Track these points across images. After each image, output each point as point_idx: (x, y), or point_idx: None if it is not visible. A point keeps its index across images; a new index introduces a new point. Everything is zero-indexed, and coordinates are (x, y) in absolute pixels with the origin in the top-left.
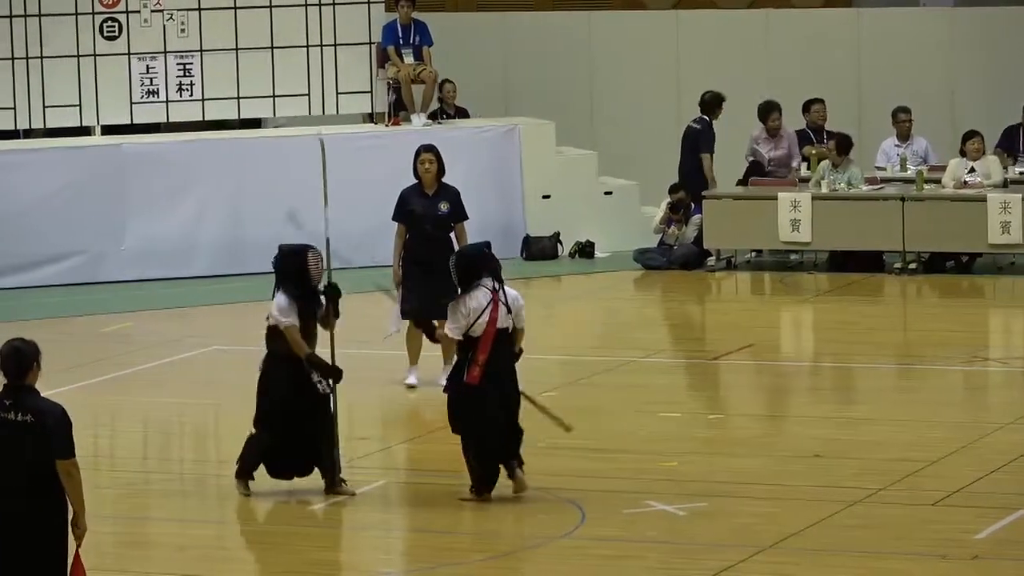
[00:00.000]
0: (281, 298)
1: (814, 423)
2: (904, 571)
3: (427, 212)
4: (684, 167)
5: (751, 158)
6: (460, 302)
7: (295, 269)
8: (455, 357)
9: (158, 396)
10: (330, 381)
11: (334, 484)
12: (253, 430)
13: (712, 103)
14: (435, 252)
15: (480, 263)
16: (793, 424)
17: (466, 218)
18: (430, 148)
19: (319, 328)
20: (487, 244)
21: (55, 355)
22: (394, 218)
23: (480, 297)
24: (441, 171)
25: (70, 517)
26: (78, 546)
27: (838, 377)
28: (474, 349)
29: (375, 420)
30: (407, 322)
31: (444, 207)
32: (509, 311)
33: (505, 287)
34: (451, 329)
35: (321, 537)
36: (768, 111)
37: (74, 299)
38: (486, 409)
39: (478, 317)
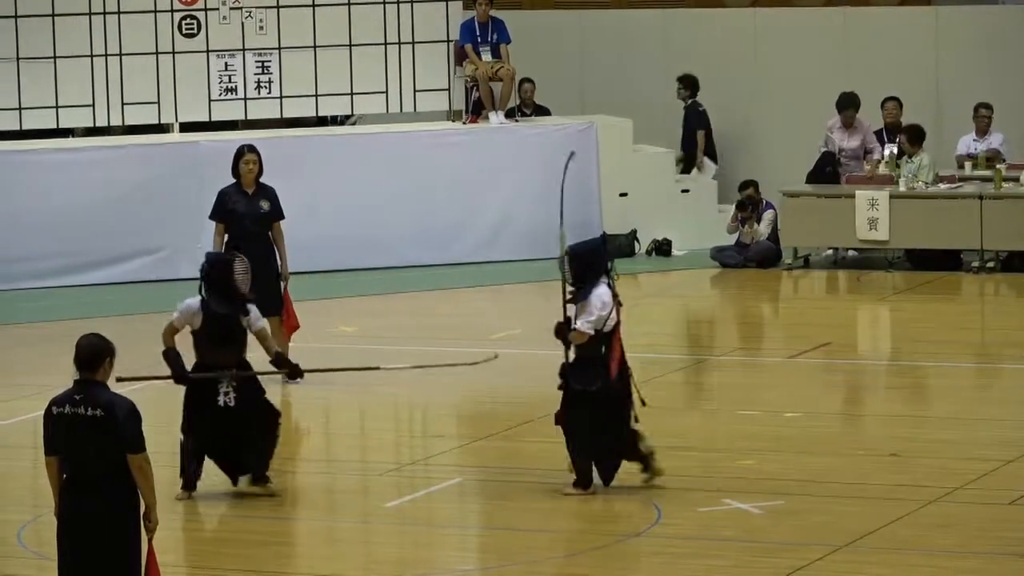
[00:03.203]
0: (191, 300)
1: (890, 422)
2: (981, 570)
3: (248, 210)
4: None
5: (824, 148)
6: (589, 298)
7: (221, 278)
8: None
9: None
10: (230, 392)
11: (260, 477)
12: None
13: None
14: (257, 250)
15: (601, 258)
16: (869, 423)
17: (283, 217)
18: (253, 149)
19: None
20: (603, 239)
21: (131, 352)
22: (212, 217)
23: (603, 293)
24: (261, 171)
25: (142, 511)
26: (150, 540)
27: (914, 376)
28: (608, 345)
29: (449, 418)
30: None
31: (265, 205)
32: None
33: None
34: (585, 324)
35: (395, 534)
36: (848, 103)
37: (152, 295)
38: (609, 405)
39: (609, 312)
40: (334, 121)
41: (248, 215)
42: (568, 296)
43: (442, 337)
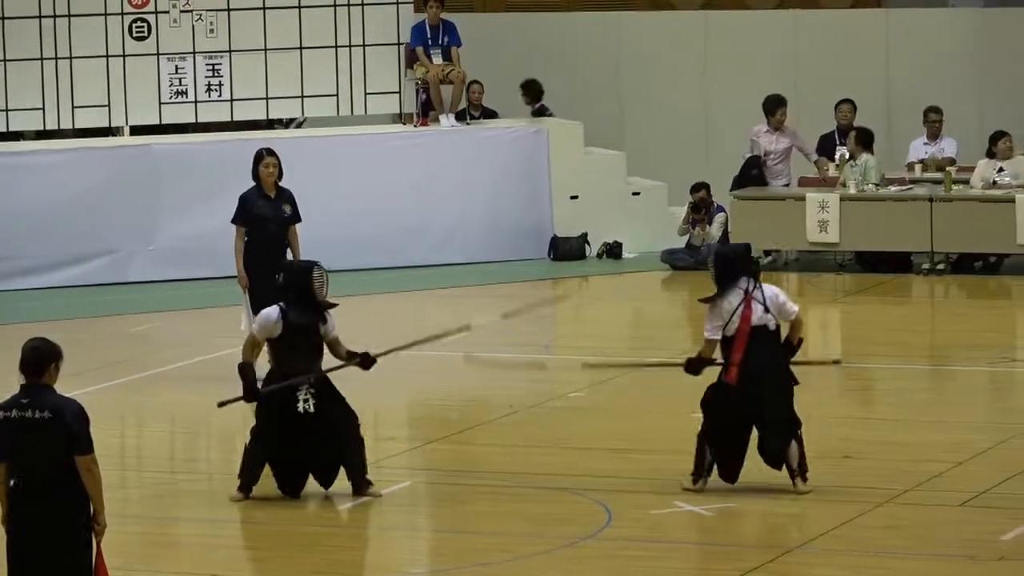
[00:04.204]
0: (269, 310)
1: (841, 424)
2: (930, 572)
3: (273, 214)
4: None
5: (748, 154)
6: (717, 303)
7: (301, 286)
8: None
9: (185, 396)
10: (309, 400)
11: (361, 486)
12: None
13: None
14: (278, 253)
15: (740, 263)
16: (820, 424)
17: (300, 220)
18: (272, 152)
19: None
20: (747, 247)
21: (83, 355)
22: (235, 221)
23: (733, 298)
24: (281, 174)
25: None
26: (98, 543)
27: (865, 378)
28: (730, 348)
29: (400, 421)
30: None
31: (287, 209)
32: (767, 309)
33: (762, 285)
34: (709, 330)
35: (348, 537)
36: (777, 105)
37: (102, 299)
38: (736, 407)
39: (731, 316)
40: (281, 124)
41: (272, 218)
42: (704, 300)
43: (395, 341)
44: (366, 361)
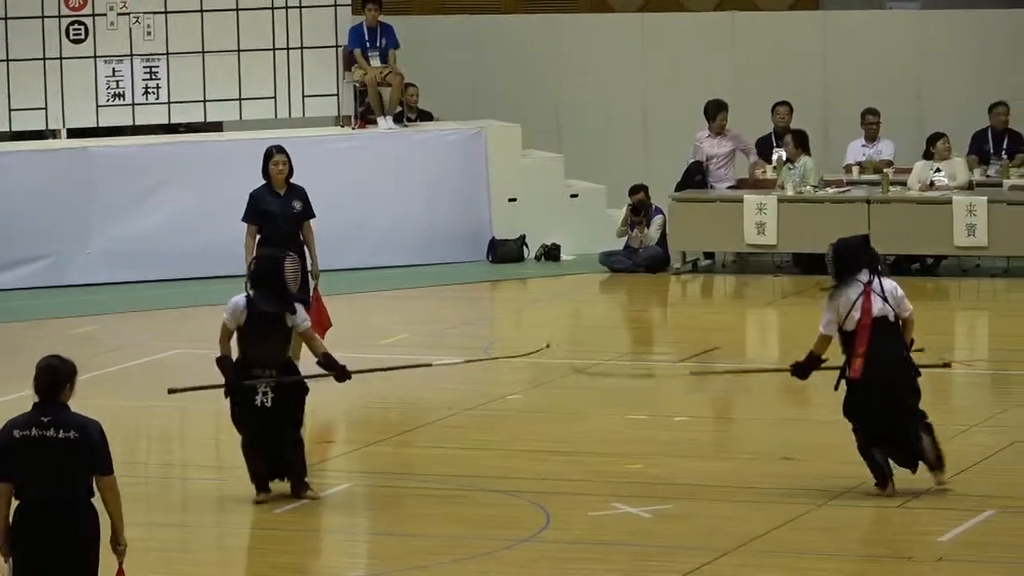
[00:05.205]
0: (237, 297)
1: (779, 425)
2: (868, 573)
3: (283, 211)
4: None
5: (692, 159)
6: (835, 297)
7: (271, 275)
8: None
9: (123, 399)
10: (268, 393)
11: (299, 489)
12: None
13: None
14: (291, 249)
15: (860, 256)
16: (758, 426)
17: (314, 216)
18: (282, 150)
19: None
20: (866, 238)
21: (21, 358)
22: (245, 219)
23: (852, 291)
24: (291, 171)
25: (109, 534)
26: (120, 563)
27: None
28: (853, 342)
29: (339, 424)
30: None
31: (298, 205)
32: (886, 300)
33: (882, 278)
34: (824, 325)
35: (286, 540)
36: (718, 110)
37: (40, 302)
38: (868, 401)
39: (849, 310)
40: (189, 128)
41: (282, 216)
42: (825, 290)
43: (331, 343)
44: (342, 375)
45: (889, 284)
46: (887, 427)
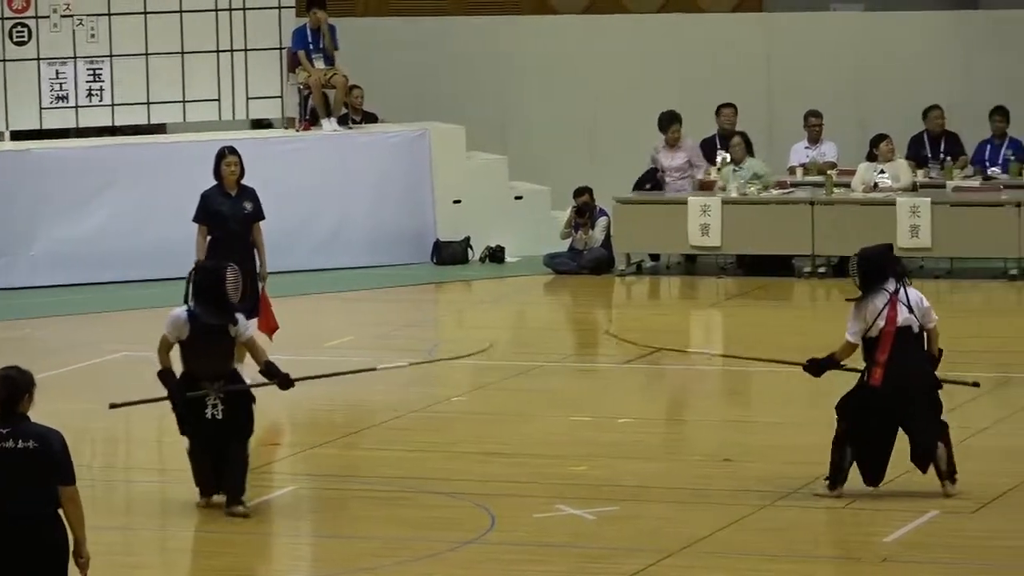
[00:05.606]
0: (178, 310)
1: (723, 427)
2: (814, 574)
3: (233, 212)
4: None
5: (652, 166)
6: (862, 305)
7: (212, 287)
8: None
9: (66, 402)
10: (218, 405)
11: (233, 504)
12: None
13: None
14: (243, 251)
15: (886, 265)
16: (702, 428)
17: (264, 218)
18: (234, 151)
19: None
20: (890, 246)
21: None
22: (196, 219)
23: (878, 300)
24: (242, 172)
25: (71, 546)
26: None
27: (746, 381)
28: (875, 349)
29: (284, 426)
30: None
31: (248, 206)
32: (911, 310)
33: (908, 288)
34: (851, 333)
35: (230, 543)
36: (670, 122)
37: None
38: (882, 409)
39: (875, 319)
40: (133, 130)
41: (232, 216)
42: (851, 300)
43: (274, 345)
44: (284, 383)
45: (915, 294)
46: (883, 436)
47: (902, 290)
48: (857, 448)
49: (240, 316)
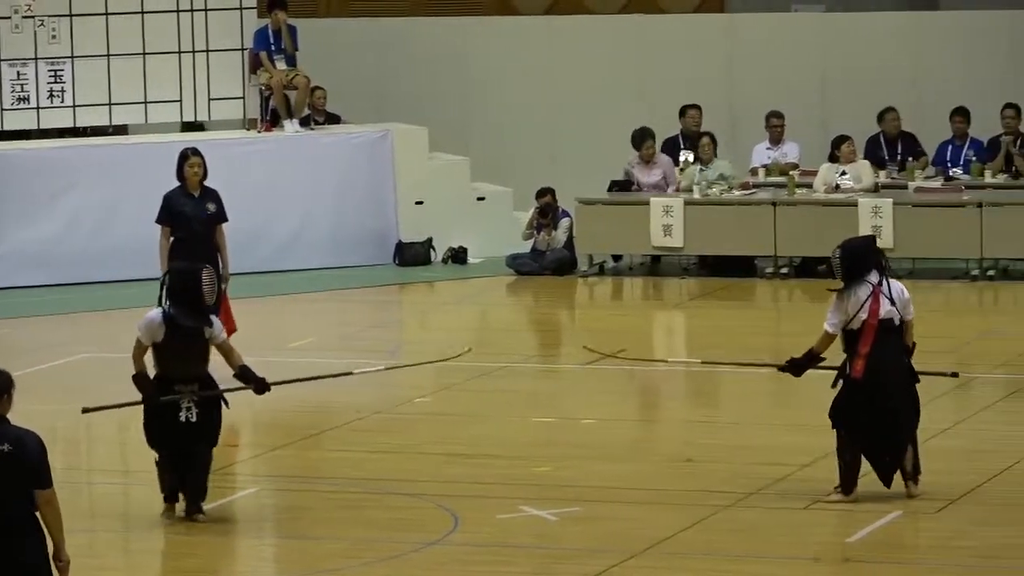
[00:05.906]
0: (153, 313)
1: (686, 428)
2: (776, 574)
3: (196, 213)
4: None
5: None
6: (844, 297)
7: (189, 290)
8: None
9: (28, 403)
10: (192, 408)
11: (192, 510)
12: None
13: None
14: (206, 252)
15: (869, 257)
16: (665, 429)
17: (227, 219)
18: (197, 152)
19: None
20: (872, 239)
21: None
22: (159, 220)
23: (861, 292)
24: (205, 174)
25: (50, 551)
26: None
27: (710, 382)
28: (856, 342)
29: (246, 427)
30: None
31: (212, 208)
32: (893, 303)
33: (889, 280)
34: (831, 324)
35: (194, 545)
36: (643, 139)
37: None
38: (863, 401)
39: (856, 311)
40: (94, 131)
41: (196, 218)
42: (833, 291)
43: (239, 347)
44: (260, 387)
45: (897, 286)
46: (875, 429)
47: (885, 282)
48: (864, 447)
49: (215, 318)
